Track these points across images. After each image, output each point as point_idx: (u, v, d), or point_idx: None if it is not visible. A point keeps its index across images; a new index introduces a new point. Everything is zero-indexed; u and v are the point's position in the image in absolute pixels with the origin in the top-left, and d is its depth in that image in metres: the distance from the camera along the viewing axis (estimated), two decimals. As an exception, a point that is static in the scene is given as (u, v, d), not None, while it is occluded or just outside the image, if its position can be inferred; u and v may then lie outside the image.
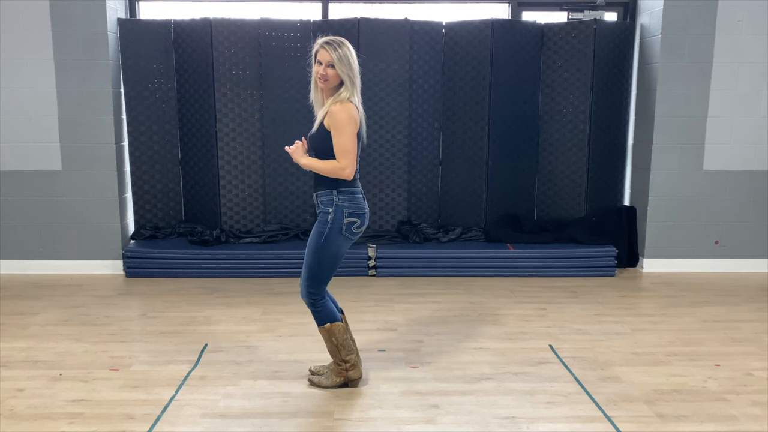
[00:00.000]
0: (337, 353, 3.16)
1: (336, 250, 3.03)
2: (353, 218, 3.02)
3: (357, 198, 3.04)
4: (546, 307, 4.45)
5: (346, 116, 2.91)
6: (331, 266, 3.05)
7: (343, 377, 3.19)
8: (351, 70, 2.95)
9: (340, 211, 3.00)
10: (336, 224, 3.00)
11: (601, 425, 2.87)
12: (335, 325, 3.12)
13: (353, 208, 3.02)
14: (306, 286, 3.07)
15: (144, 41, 5.21)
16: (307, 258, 3.05)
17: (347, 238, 3.04)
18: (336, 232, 3.01)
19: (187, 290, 4.77)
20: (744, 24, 5.06)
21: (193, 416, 2.92)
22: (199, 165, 5.42)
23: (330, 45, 2.94)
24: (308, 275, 3.05)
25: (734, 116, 5.19)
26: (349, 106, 2.94)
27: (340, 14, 5.44)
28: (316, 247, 3.02)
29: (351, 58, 2.95)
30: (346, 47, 2.95)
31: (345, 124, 2.91)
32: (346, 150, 2.93)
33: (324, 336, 3.14)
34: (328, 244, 3.01)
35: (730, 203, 5.31)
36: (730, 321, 4.22)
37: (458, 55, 5.35)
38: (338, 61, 2.93)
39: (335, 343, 3.13)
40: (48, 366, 3.44)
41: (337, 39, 2.97)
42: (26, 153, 5.04)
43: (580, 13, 5.51)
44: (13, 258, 5.17)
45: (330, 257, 3.03)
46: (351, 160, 2.93)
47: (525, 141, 5.52)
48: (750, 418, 2.94)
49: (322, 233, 3.01)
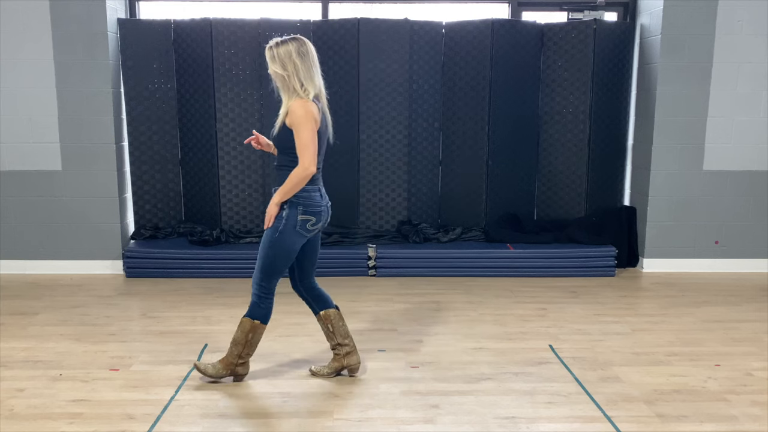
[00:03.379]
0: (240, 348, 3.19)
1: (289, 246, 3.06)
2: (308, 216, 3.05)
3: (313, 196, 3.06)
4: (546, 307, 4.45)
5: (303, 112, 2.92)
6: (284, 261, 3.09)
7: (230, 370, 3.23)
8: (284, 69, 2.94)
9: (295, 208, 3.03)
10: (290, 221, 3.03)
11: (601, 425, 2.87)
12: (261, 326, 3.17)
13: (308, 205, 3.04)
14: (258, 279, 3.10)
15: (144, 41, 5.21)
16: (261, 252, 3.09)
17: (301, 234, 3.06)
18: (290, 228, 3.03)
19: (187, 290, 4.77)
20: (744, 24, 5.06)
21: (193, 416, 2.92)
22: (199, 165, 5.42)
23: (269, 47, 2.98)
24: (261, 268, 3.09)
25: (734, 116, 5.19)
26: (307, 103, 2.94)
27: (340, 14, 5.44)
28: (270, 242, 3.05)
29: (287, 57, 2.94)
30: (287, 47, 2.94)
31: (303, 120, 2.92)
32: (306, 145, 2.93)
33: (244, 326, 3.16)
34: (281, 240, 3.04)
35: (730, 203, 5.31)
36: (730, 321, 4.22)
37: (458, 55, 5.35)
38: (270, 61, 2.97)
39: (248, 340, 3.17)
40: (48, 366, 3.44)
41: (283, 39, 2.98)
42: (26, 153, 5.04)
43: (580, 13, 5.51)
44: (13, 258, 5.17)
45: (283, 253, 3.06)
46: (311, 155, 2.94)
47: (525, 141, 5.52)
48: (750, 418, 2.94)
49: (276, 228, 3.04)
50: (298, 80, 2.95)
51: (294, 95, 2.97)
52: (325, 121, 3.07)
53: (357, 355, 3.31)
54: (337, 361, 3.29)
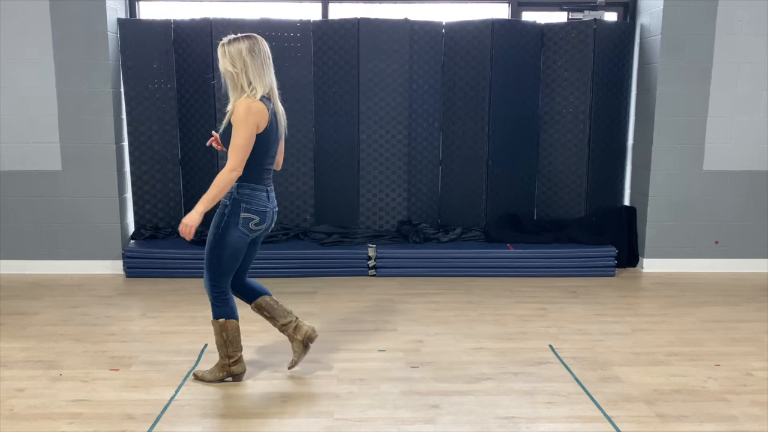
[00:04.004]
0: (224, 348, 3.18)
1: (233, 243, 3.02)
2: (251, 214, 3.01)
3: (259, 195, 3.03)
4: (546, 307, 4.45)
5: (243, 113, 2.87)
6: (230, 259, 3.05)
7: (225, 372, 3.22)
8: (234, 67, 2.91)
9: (237, 205, 3.00)
10: (232, 218, 3.00)
11: (601, 425, 2.87)
12: (230, 323, 3.15)
13: (252, 204, 3.01)
14: (208, 278, 3.09)
15: (144, 41, 5.21)
16: (207, 252, 3.06)
17: (243, 233, 3.02)
18: (232, 226, 3.00)
19: (187, 290, 4.77)
20: (744, 24, 5.06)
21: (193, 416, 2.92)
22: (199, 165, 5.42)
23: (222, 45, 2.95)
24: (209, 268, 3.07)
25: (734, 116, 5.19)
26: (252, 103, 2.90)
27: (340, 14, 5.44)
28: (213, 239, 3.03)
29: (235, 54, 2.91)
30: (238, 45, 2.91)
31: (243, 120, 2.87)
32: (238, 147, 2.88)
33: (215, 329, 3.16)
34: (223, 237, 3.01)
35: (730, 203, 5.31)
36: (730, 321, 4.22)
37: (458, 55, 5.35)
38: (220, 58, 2.94)
39: (225, 339, 3.16)
40: (48, 366, 3.44)
41: (228, 38, 2.95)
42: (26, 153, 5.04)
43: (580, 13, 5.51)
44: (13, 258, 5.17)
45: (227, 250, 3.02)
46: (241, 158, 2.89)
47: (525, 141, 5.52)
48: (750, 418, 2.94)
49: (218, 225, 3.02)
50: (246, 78, 2.91)
51: (242, 94, 2.93)
52: (277, 119, 3.02)
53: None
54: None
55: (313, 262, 5.11)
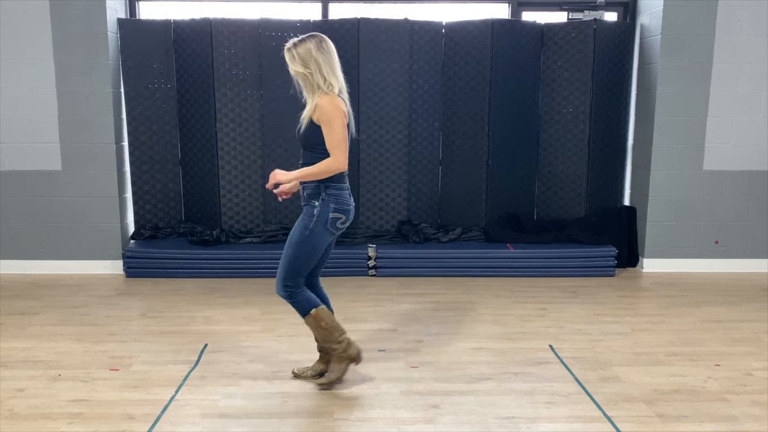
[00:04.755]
0: (329, 336, 3.14)
1: (318, 244, 3.04)
2: (339, 213, 3.03)
3: (344, 194, 3.05)
4: (546, 307, 4.45)
5: (332, 107, 2.92)
6: (311, 259, 3.07)
7: (345, 359, 3.17)
8: (305, 66, 2.93)
9: (327, 206, 3.01)
10: (321, 218, 3.01)
11: (601, 425, 2.87)
12: (320, 310, 3.11)
13: (339, 203, 3.03)
14: (283, 279, 3.07)
15: (144, 41, 5.21)
16: (288, 251, 3.05)
17: (331, 232, 3.05)
18: (321, 227, 3.02)
19: (187, 290, 4.77)
20: (744, 24, 5.06)
21: (193, 416, 2.92)
22: (199, 165, 5.42)
23: (288, 49, 2.97)
24: (287, 268, 3.05)
25: (734, 116, 5.19)
26: (335, 98, 2.95)
27: (340, 14, 5.44)
28: (299, 239, 3.03)
29: (304, 54, 2.93)
30: (305, 45, 2.94)
31: (332, 115, 2.91)
32: (339, 141, 2.93)
33: (311, 324, 3.13)
34: (311, 238, 3.02)
35: (730, 203, 5.31)
36: (730, 321, 4.22)
37: (458, 55, 5.35)
38: (290, 61, 2.96)
39: (326, 327, 3.12)
40: (48, 366, 3.44)
41: (292, 41, 2.97)
42: (26, 153, 5.04)
43: (580, 13, 5.51)
44: (13, 258, 5.17)
45: (311, 251, 3.04)
46: (345, 152, 2.94)
47: (525, 141, 5.51)
48: (750, 418, 2.94)
49: (307, 226, 3.02)
50: (321, 76, 2.94)
51: (319, 92, 2.95)
52: (350, 115, 3.06)
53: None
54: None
55: (313, 262, 5.10)
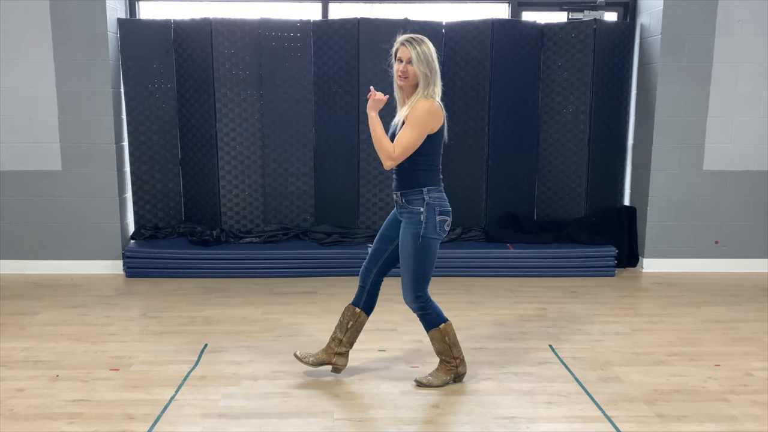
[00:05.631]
0: (449, 351, 3.18)
1: (433, 247, 3.05)
2: (444, 216, 3.05)
3: (443, 196, 3.09)
4: (546, 307, 4.45)
5: (424, 113, 2.92)
6: (432, 264, 3.07)
7: (453, 374, 3.22)
8: (429, 68, 2.95)
9: (432, 210, 3.02)
10: (430, 222, 3.02)
11: (601, 425, 2.87)
12: (448, 325, 3.16)
13: (443, 206, 3.06)
14: (412, 290, 3.07)
15: (144, 41, 5.21)
16: (408, 263, 3.05)
17: (440, 235, 3.06)
18: (431, 231, 3.02)
19: (187, 290, 4.77)
20: (744, 24, 5.06)
21: (193, 416, 2.92)
22: (199, 165, 5.42)
23: (410, 43, 2.96)
24: (413, 279, 3.05)
25: (734, 116, 5.19)
26: (434, 104, 2.95)
27: (340, 14, 5.44)
28: (414, 249, 3.02)
29: (430, 56, 2.95)
30: (426, 45, 2.96)
31: (420, 122, 2.92)
32: (408, 145, 2.94)
33: (436, 337, 3.16)
34: (426, 244, 3.02)
35: (730, 203, 5.31)
36: (730, 321, 4.22)
37: (458, 55, 5.35)
38: (416, 58, 2.94)
39: (449, 343, 3.16)
40: (48, 366, 3.44)
41: (417, 37, 2.99)
42: (26, 153, 5.04)
43: (580, 13, 5.51)
44: (13, 258, 5.16)
45: (430, 256, 3.04)
46: (403, 155, 2.95)
47: (525, 141, 5.51)
48: (750, 418, 2.94)
49: (417, 234, 3.01)
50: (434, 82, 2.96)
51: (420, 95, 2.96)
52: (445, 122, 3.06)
53: (346, 360, 3.30)
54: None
55: (313, 262, 5.11)
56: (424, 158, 3.01)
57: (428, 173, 3.03)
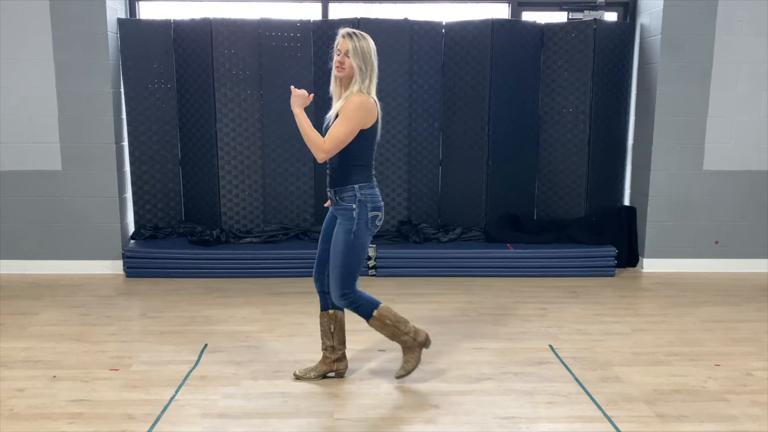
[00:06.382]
0: (397, 331, 3.19)
1: (364, 244, 3.09)
2: (376, 211, 3.08)
3: (376, 192, 3.11)
4: (546, 307, 4.45)
5: (357, 107, 2.93)
6: (360, 261, 3.11)
7: (417, 348, 3.22)
8: (365, 63, 2.97)
9: (364, 206, 3.05)
10: (362, 219, 3.05)
11: (601, 425, 2.87)
12: (381, 309, 3.15)
13: (375, 201, 3.08)
14: (340, 287, 3.09)
15: (144, 41, 5.21)
16: (338, 259, 3.07)
17: (371, 231, 3.10)
18: (363, 227, 3.06)
19: (187, 290, 4.77)
20: (744, 24, 5.06)
21: (193, 416, 2.92)
22: (199, 165, 5.42)
23: (350, 36, 2.99)
24: (340, 276, 3.07)
25: (734, 116, 5.19)
26: (368, 100, 2.97)
27: (340, 14, 5.44)
28: (345, 245, 3.05)
29: (368, 52, 2.98)
30: (366, 42, 2.99)
31: (353, 115, 2.94)
32: (338, 139, 2.94)
33: (377, 325, 3.16)
34: (357, 240, 3.05)
35: (730, 203, 5.31)
36: (730, 321, 4.22)
37: (458, 55, 5.35)
38: (353, 51, 2.97)
39: (391, 324, 3.17)
40: (48, 366, 3.44)
41: (359, 32, 3.02)
42: (26, 153, 5.04)
43: (580, 13, 5.51)
44: (13, 258, 5.16)
45: (360, 252, 3.08)
46: (335, 148, 2.95)
47: (525, 141, 5.51)
48: (750, 418, 2.94)
49: (349, 230, 3.05)
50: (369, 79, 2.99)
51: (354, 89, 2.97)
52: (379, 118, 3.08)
53: (346, 361, 3.32)
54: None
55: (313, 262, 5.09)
56: (357, 155, 3.02)
57: (360, 170, 3.05)
